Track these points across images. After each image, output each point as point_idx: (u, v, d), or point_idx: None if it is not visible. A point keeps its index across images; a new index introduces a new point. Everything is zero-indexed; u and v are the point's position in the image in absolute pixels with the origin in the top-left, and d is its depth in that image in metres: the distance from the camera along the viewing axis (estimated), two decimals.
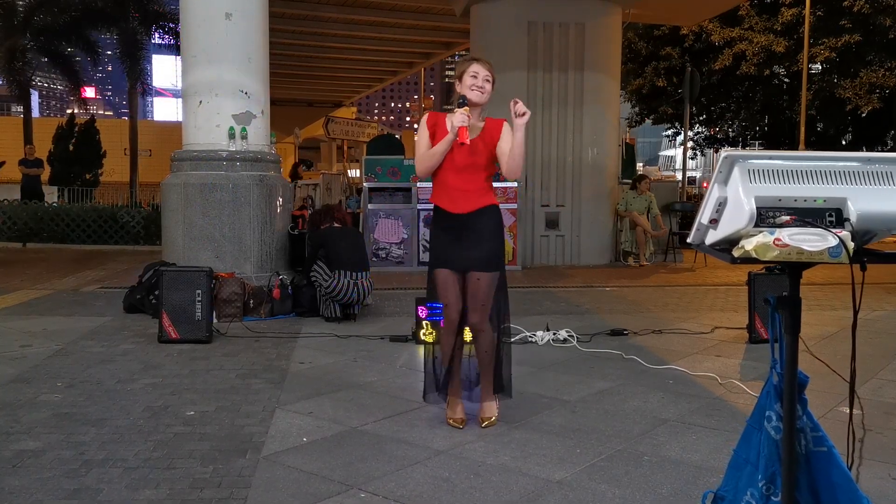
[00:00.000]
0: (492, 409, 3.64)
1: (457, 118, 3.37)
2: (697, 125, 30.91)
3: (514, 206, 9.69)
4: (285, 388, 4.20)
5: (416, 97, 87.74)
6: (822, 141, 28.65)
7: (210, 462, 3.09)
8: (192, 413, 3.73)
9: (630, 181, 11.53)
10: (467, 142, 3.36)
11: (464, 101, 3.43)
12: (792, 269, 1.73)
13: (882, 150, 25.32)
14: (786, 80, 29.11)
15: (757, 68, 25.89)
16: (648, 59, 28.93)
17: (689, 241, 1.83)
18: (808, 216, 1.62)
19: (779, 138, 29.55)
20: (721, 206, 1.67)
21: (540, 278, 9.12)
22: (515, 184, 9.52)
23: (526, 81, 10.40)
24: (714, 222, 1.70)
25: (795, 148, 24.58)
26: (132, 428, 3.50)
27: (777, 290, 5.39)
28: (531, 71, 10.48)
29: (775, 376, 1.81)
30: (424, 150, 3.54)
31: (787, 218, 1.60)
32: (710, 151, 36.62)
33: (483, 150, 3.52)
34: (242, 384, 4.28)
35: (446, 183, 3.52)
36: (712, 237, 1.73)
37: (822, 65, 27.39)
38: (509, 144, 3.48)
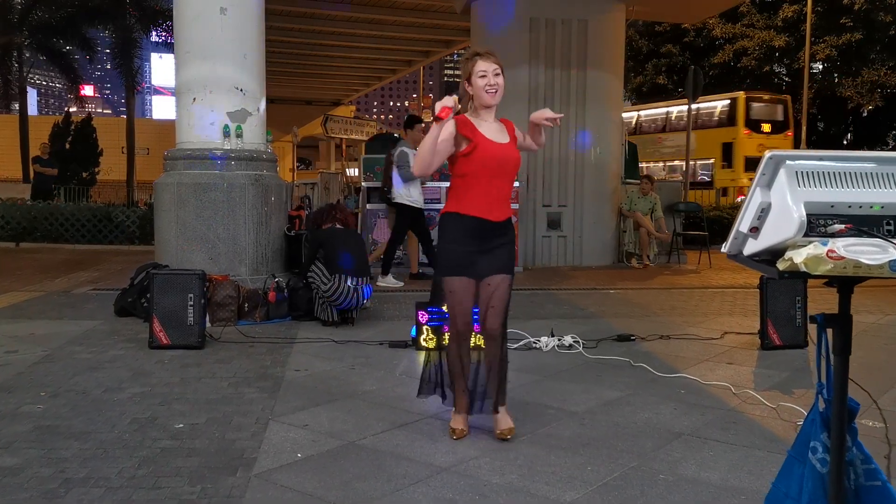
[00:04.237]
0: (509, 419, 3.45)
1: (447, 99, 3.23)
2: None
3: (516, 206, 9.48)
4: (280, 398, 4.01)
5: (414, 96, 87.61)
6: (823, 140, 28.53)
7: (198, 481, 2.90)
8: (180, 426, 3.54)
9: (635, 181, 11.34)
10: (444, 117, 3.17)
11: (462, 95, 3.36)
12: (843, 283, 1.55)
13: (882, 151, 25.16)
14: (786, 78, 28.97)
15: (757, 63, 25.76)
16: (649, 57, 28.79)
17: (724, 250, 1.64)
18: (864, 224, 1.43)
19: None
20: (764, 212, 1.48)
21: (542, 280, 8.94)
22: (517, 183, 9.32)
23: (528, 79, 10.21)
24: (755, 231, 1.51)
25: (797, 147, 24.42)
26: (117, 442, 3.31)
27: (790, 295, 5.24)
28: (533, 69, 10.28)
29: (821, 402, 1.62)
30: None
31: (842, 226, 1.41)
32: None
33: (514, 147, 3.42)
34: (235, 393, 4.09)
35: (480, 188, 3.32)
36: (752, 247, 1.54)
37: (822, 63, 27.27)
38: (521, 136, 3.54)
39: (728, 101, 23.23)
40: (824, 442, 1.61)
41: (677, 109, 24.51)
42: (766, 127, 23.30)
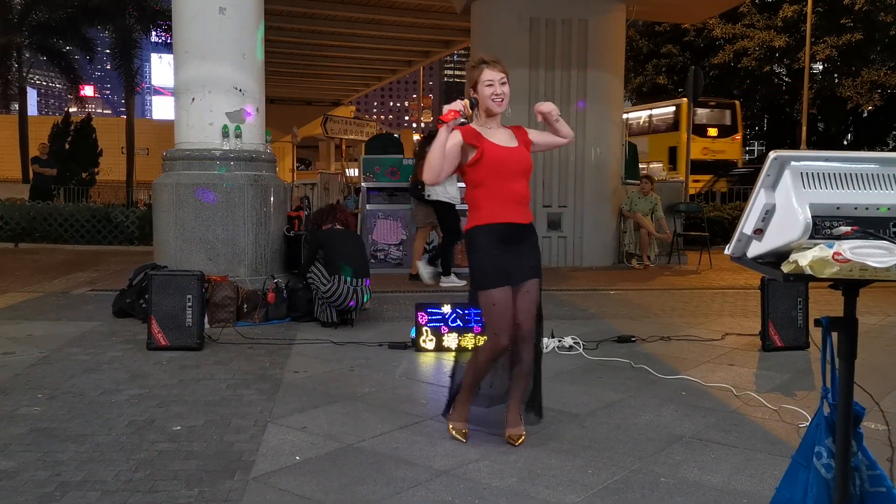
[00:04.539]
0: (521, 425, 3.42)
1: (457, 103, 3.22)
2: None
3: None
4: (278, 400, 3.99)
5: (414, 96, 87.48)
6: (823, 141, 28.51)
7: (195, 484, 2.88)
8: (178, 428, 3.52)
9: (635, 181, 11.30)
10: (448, 120, 3.18)
11: (474, 103, 3.33)
12: (848, 286, 1.52)
13: (884, 151, 25.18)
14: (786, 79, 28.96)
15: (758, 63, 25.79)
16: (649, 57, 28.78)
17: (727, 252, 1.62)
18: (870, 226, 1.40)
19: (780, 138, 29.42)
20: (768, 214, 1.45)
21: (542, 280, 8.89)
22: None
23: (528, 79, 10.17)
24: (759, 232, 1.48)
25: (797, 147, 24.44)
26: (114, 445, 3.28)
27: (791, 296, 5.21)
28: (533, 69, 10.25)
29: (826, 407, 1.59)
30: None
31: (848, 229, 1.38)
32: None
33: (523, 150, 3.40)
34: (233, 395, 4.07)
35: (497, 194, 3.27)
36: (756, 249, 1.52)
37: (822, 64, 27.26)
38: (539, 136, 3.55)
39: (673, 107, 23.86)
40: (829, 447, 1.59)
41: (643, 115, 25.62)
42: (713, 131, 23.87)
